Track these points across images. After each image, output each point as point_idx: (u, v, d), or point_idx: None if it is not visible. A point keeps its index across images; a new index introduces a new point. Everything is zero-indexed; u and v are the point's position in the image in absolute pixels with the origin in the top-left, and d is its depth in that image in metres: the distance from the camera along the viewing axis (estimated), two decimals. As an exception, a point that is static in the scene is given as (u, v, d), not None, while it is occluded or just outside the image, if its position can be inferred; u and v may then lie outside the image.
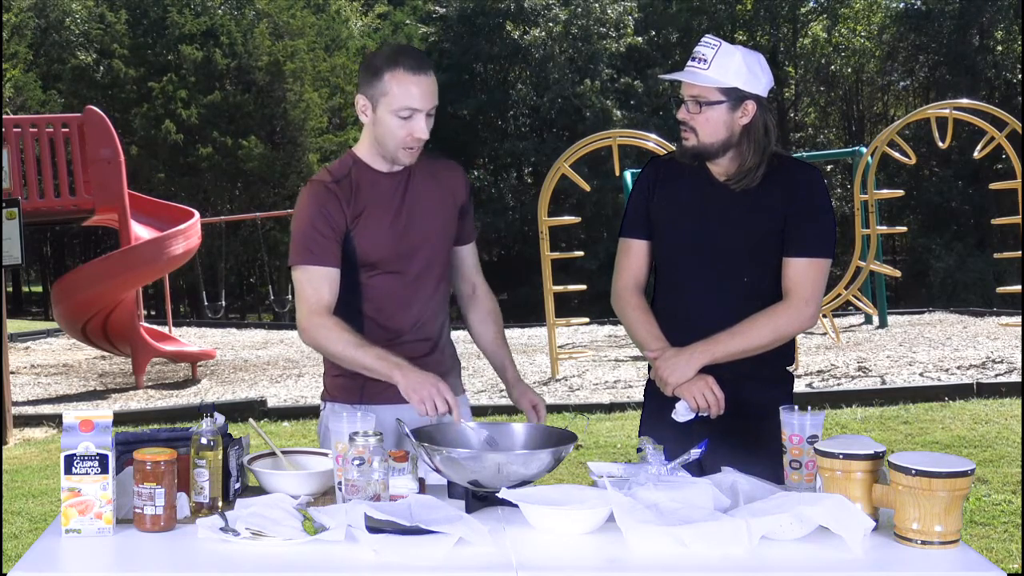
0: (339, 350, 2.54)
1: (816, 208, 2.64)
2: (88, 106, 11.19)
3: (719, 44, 2.59)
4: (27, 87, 25.05)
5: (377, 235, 2.62)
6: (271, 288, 17.56)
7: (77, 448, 2.08)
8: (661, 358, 2.62)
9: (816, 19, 32.92)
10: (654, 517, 2.03)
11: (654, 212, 2.74)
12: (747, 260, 2.65)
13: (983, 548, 4.39)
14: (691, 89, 2.61)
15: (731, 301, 2.64)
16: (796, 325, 2.62)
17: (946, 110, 10.17)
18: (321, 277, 2.58)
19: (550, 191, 10.44)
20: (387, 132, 2.58)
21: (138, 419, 8.03)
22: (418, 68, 2.54)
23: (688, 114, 2.63)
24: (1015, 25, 27.32)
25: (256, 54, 25.43)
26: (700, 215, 2.67)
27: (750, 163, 2.62)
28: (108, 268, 10.67)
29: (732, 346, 2.58)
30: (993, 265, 22.29)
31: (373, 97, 2.57)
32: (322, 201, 2.60)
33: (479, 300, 2.86)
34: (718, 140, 2.61)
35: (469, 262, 2.86)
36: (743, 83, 2.58)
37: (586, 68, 28.62)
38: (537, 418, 2.66)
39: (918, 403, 7.56)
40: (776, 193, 2.63)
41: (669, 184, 2.73)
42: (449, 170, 2.78)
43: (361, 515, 2.03)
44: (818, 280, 2.62)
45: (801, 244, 2.62)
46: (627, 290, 2.78)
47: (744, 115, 2.60)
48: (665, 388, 2.62)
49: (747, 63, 2.58)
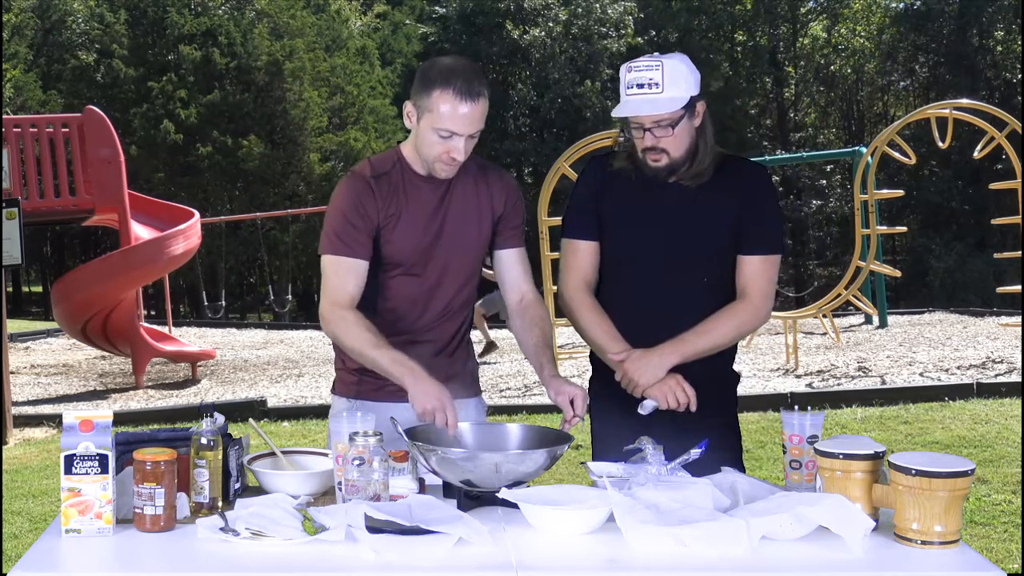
0: (356, 346, 2.54)
1: (767, 206, 2.67)
2: (88, 106, 11.19)
3: (660, 62, 2.54)
4: (27, 87, 25.06)
5: (405, 239, 2.62)
6: (271, 288, 17.58)
7: (77, 448, 2.08)
8: (628, 360, 2.62)
9: (816, 19, 32.93)
10: (654, 517, 2.03)
11: (604, 214, 2.72)
12: (705, 261, 2.66)
13: (983, 548, 4.39)
14: (654, 116, 2.56)
15: (693, 301, 2.65)
16: (756, 322, 2.68)
17: (946, 110, 10.17)
18: (349, 268, 2.58)
19: (550, 191, 10.44)
20: (426, 146, 2.56)
21: (138, 419, 8.03)
22: (468, 93, 2.48)
23: (656, 139, 2.58)
24: (1015, 25, 27.32)
25: (256, 54, 25.42)
26: (656, 218, 2.67)
27: (707, 161, 2.63)
28: (108, 268, 10.67)
29: (699, 345, 2.61)
30: (993, 265, 22.28)
31: (419, 108, 2.54)
32: (359, 194, 2.59)
33: (526, 308, 2.74)
34: (686, 150, 2.61)
35: (515, 270, 2.76)
36: (694, 90, 2.58)
37: (586, 68, 28.64)
38: (574, 411, 2.51)
39: (918, 403, 7.56)
40: (727, 191, 2.64)
41: (619, 186, 2.71)
42: (494, 179, 2.74)
43: (361, 515, 2.03)
44: (772, 276, 2.68)
45: (755, 242, 2.65)
46: (578, 291, 2.74)
47: (698, 116, 2.61)
48: (635, 390, 2.62)
49: (690, 69, 2.57)
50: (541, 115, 29.17)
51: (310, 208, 20.74)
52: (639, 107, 2.56)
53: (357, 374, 2.70)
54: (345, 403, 2.71)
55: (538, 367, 2.67)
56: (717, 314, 2.63)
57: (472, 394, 2.81)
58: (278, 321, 20.66)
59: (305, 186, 25.55)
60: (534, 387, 9.13)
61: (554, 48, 28.76)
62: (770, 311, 2.70)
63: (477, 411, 2.82)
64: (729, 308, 2.64)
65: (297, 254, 24.26)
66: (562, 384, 2.57)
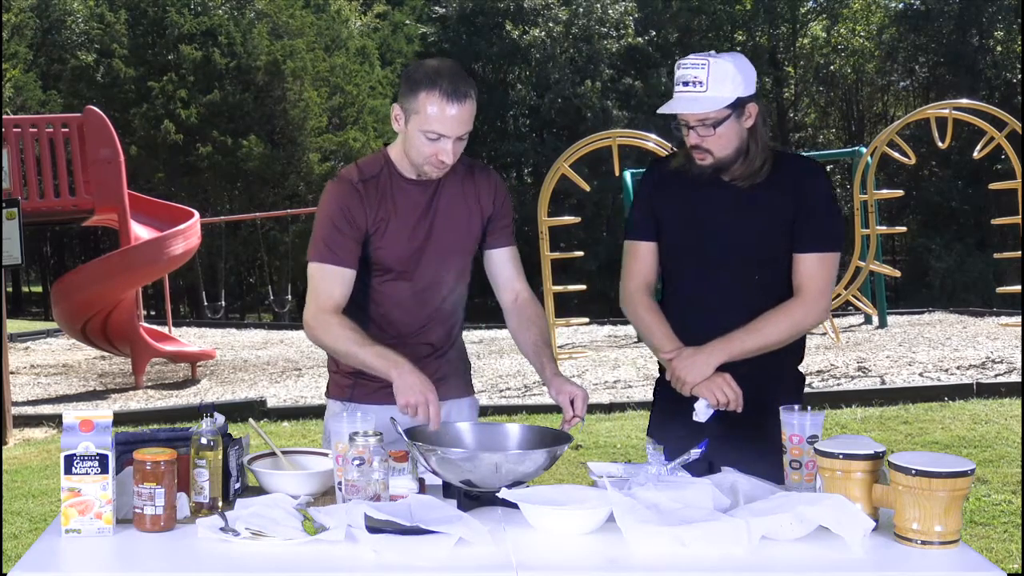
0: (340, 346, 2.53)
1: (823, 203, 2.64)
2: (88, 106, 11.19)
3: (706, 61, 2.55)
4: (27, 87, 25.06)
5: (395, 244, 2.61)
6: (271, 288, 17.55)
7: (77, 448, 2.08)
8: (677, 358, 2.63)
9: (815, 19, 32.93)
10: (654, 517, 2.03)
11: (660, 214, 2.74)
12: (757, 259, 2.65)
13: (983, 548, 4.39)
14: (697, 115, 2.57)
15: (744, 300, 2.64)
16: (811, 319, 2.65)
17: (946, 110, 10.17)
18: (336, 276, 2.57)
19: (550, 191, 10.44)
20: (414, 148, 2.55)
21: (138, 419, 8.03)
22: (454, 95, 2.47)
23: (699, 138, 2.59)
24: (1015, 25, 27.32)
25: (256, 54, 25.42)
26: (709, 218, 2.67)
27: (759, 162, 2.63)
28: (108, 268, 10.67)
29: (748, 343, 2.60)
30: (993, 265, 22.29)
31: (406, 110, 2.53)
32: (346, 200, 2.58)
33: (521, 307, 2.74)
34: (733, 151, 2.61)
35: (507, 269, 2.75)
36: (742, 90, 2.57)
37: (586, 68, 28.63)
38: (574, 411, 2.51)
39: (918, 403, 7.56)
40: (782, 190, 2.63)
41: (674, 185, 2.72)
42: (482, 179, 2.73)
43: (361, 515, 2.03)
44: (829, 274, 2.65)
45: (811, 239, 2.63)
46: (637, 292, 2.76)
47: (749, 118, 2.60)
48: (683, 388, 2.62)
49: (739, 68, 2.57)
50: (541, 115, 29.17)
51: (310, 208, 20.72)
52: (680, 105, 2.57)
53: (352, 377, 2.69)
54: (339, 406, 2.70)
55: (539, 367, 2.66)
56: (769, 312, 2.62)
57: (465, 394, 2.81)
58: (278, 321, 20.66)
59: (305, 186, 25.55)
60: (534, 387, 9.13)
61: (554, 48, 28.75)
62: (827, 309, 2.66)
63: (470, 411, 2.81)
64: (783, 306, 2.63)
65: (297, 254, 24.23)
66: (563, 383, 2.56)
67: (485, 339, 13.55)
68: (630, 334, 13.09)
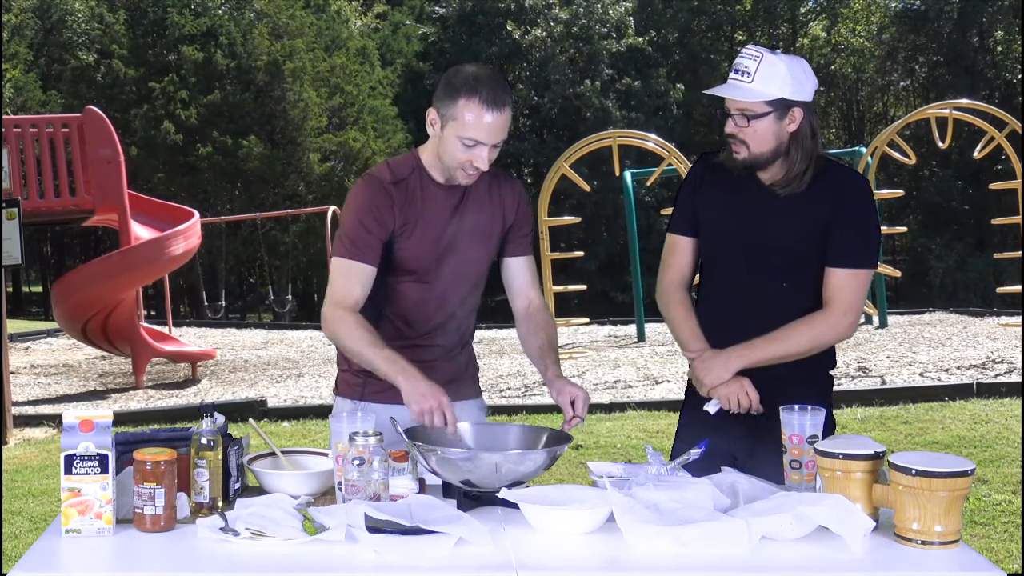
0: (352, 345, 2.54)
1: (861, 218, 2.61)
2: (88, 106, 11.18)
3: (761, 55, 2.55)
4: (27, 87, 25.06)
5: (419, 247, 2.62)
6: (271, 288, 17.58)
7: (77, 448, 2.08)
8: (699, 359, 2.65)
9: (815, 19, 32.94)
10: (654, 517, 2.03)
11: (700, 210, 2.74)
12: (787, 266, 2.64)
13: (983, 548, 4.39)
14: (737, 103, 2.57)
15: (769, 305, 2.64)
16: (833, 335, 2.63)
17: (946, 110, 10.18)
18: (357, 273, 2.58)
19: (550, 191, 10.44)
20: (448, 153, 2.56)
21: (138, 419, 8.03)
22: (494, 103, 2.49)
23: (736, 127, 2.59)
24: (1015, 25, 27.32)
25: (256, 54, 25.42)
26: (744, 218, 2.67)
27: (798, 169, 2.60)
28: (108, 268, 10.67)
29: (768, 352, 2.60)
30: (993, 265, 22.30)
31: (444, 115, 2.54)
32: (376, 199, 2.59)
33: (533, 314, 2.77)
34: (768, 150, 2.59)
35: (523, 277, 2.78)
36: (789, 92, 2.55)
37: (586, 68, 28.64)
38: (574, 412, 2.52)
39: (918, 403, 7.56)
40: (822, 200, 2.61)
41: (716, 183, 2.72)
42: (507, 189, 2.75)
43: (361, 515, 2.03)
44: (859, 290, 2.61)
45: (844, 254, 2.60)
46: (672, 286, 2.78)
47: (792, 122, 2.58)
48: (701, 388, 2.65)
49: (791, 71, 2.55)
50: (541, 115, 29.17)
51: (310, 208, 20.75)
52: (723, 89, 2.59)
53: (362, 376, 2.69)
54: (348, 404, 2.71)
55: (543, 368, 2.69)
56: (794, 323, 2.60)
57: (473, 395, 2.82)
58: (278, 321, 20.67)
59: (305, 186, 25.55)
60: (534, 387, 9.13)
61: (554, 48, 28.76)
62: (853, 325, 2.63)
63: (478, 412, 2.82)
64: (807, 318, 2.61)
65: (297, 254, 24.25)
66: (564, 385, 2.58)
67: (485, 339, 13.54)
68: (630, 334, 13.09)
